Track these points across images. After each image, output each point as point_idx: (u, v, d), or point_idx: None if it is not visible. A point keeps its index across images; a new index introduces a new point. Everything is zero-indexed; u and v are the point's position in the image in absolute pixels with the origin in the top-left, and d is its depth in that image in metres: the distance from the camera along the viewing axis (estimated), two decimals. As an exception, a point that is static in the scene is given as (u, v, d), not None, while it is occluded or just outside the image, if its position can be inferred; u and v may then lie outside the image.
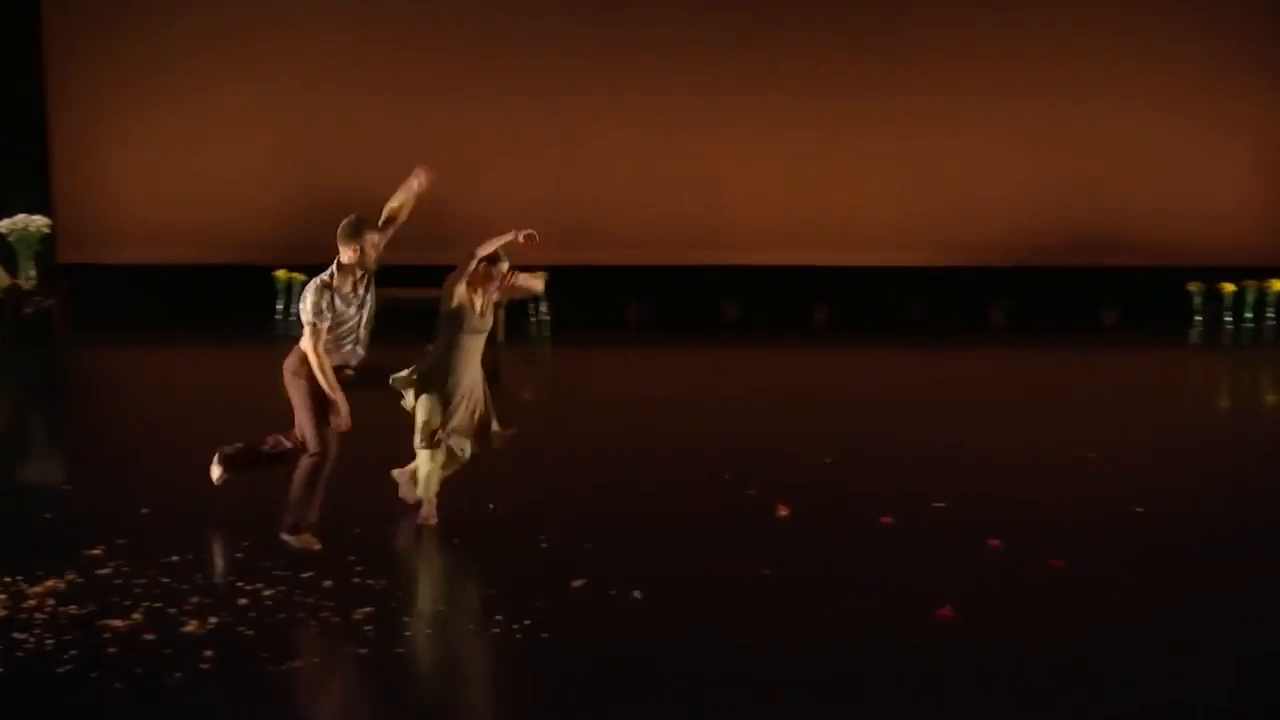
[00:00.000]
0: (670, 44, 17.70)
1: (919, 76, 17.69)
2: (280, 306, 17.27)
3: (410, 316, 15.64)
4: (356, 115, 17.68)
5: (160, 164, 17.79)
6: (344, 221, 9.29)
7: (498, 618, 7.08)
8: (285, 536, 8.48)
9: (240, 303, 17.31)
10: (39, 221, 15.98)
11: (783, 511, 9.08)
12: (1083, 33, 17.64)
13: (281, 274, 17.25)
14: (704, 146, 17.83)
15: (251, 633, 6.92)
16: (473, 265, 9.23)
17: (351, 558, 8.03)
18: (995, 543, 8.40)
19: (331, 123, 17.66)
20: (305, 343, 8.58)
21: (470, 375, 8.98)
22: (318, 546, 8.36)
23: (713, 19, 17.68)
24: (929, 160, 17.77)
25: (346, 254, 9.12)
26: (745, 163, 17.85)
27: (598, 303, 17.65)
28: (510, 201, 17.66)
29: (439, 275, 16.67)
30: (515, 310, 16.65)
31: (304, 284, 16.69)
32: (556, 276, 16.92)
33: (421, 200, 9.97)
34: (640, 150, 17.80)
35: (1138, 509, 9.26)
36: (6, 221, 15.91)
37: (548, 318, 17.21)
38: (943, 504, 9.31)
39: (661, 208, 17.78)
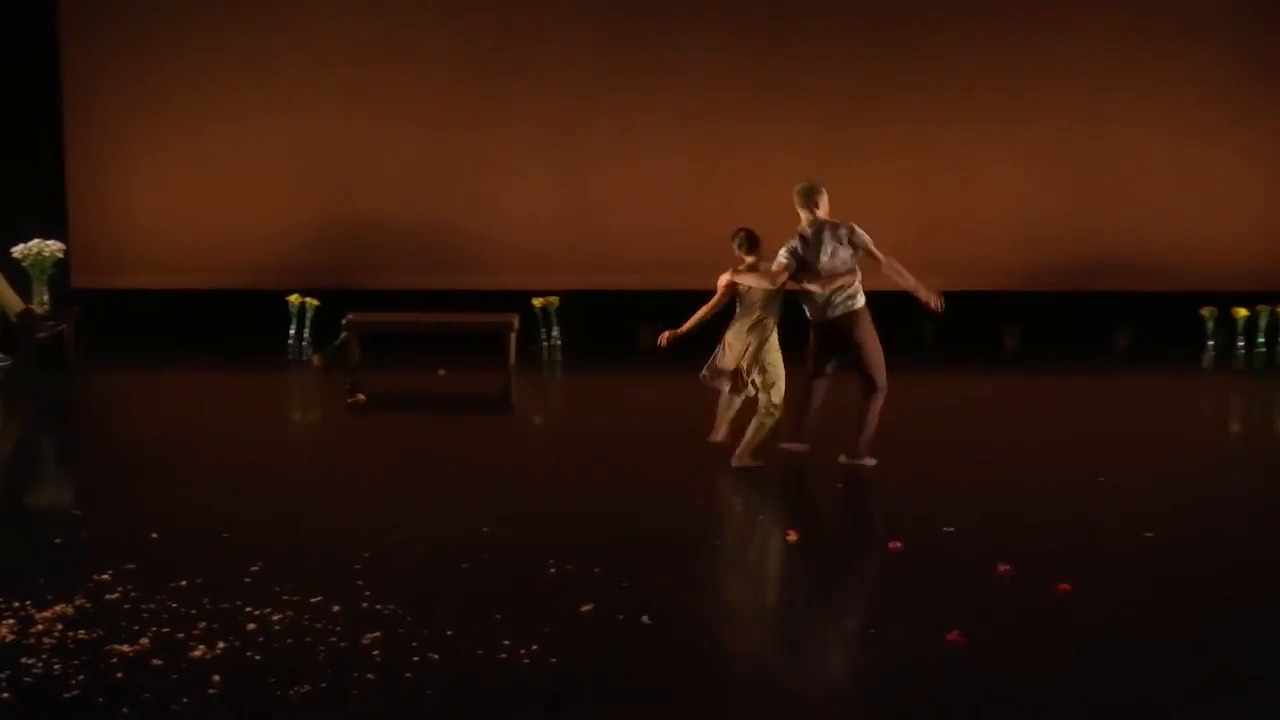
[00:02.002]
0: (687, 69, 17.72)
1: (928, 101, 17.70)
2: (293, 331, 17.27)
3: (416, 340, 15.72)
4: (370, 142, 17.73)
5: (174, 190, 17.81)
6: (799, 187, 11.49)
7: (505, 642, 7.09)
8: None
9: (253, 328, 17.33)
10: (53, 246, 16.05)
11: (792, 536, 9.08)
12: (1097, 57, 17.66)
13: (294, 298, 17.26)
14: (724, 169, 17.82)
15: (259, 658, 6.93)
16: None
17: (360, 582, 8.04)
18: (1004, 567, 8.39)
19: (346, 149, 17.71)
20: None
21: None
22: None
23: (723, 45, 17.71)
24: (942, 184, 17.77)
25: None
26: (763, 188, 17.79)
27: (608, 327, 17.65)
28: (524, 227, 17.73)
29: (450, 300, 16.82)
30: (527, 335, 16.70)
31: (317, 309, 16.89)
32: (568, 301, 17.04)
33: (437, 224, 10.74)
34: (655, 174, 17.81)
35: (1147, 534, 9.26)
36: (21, 246, 15.97)
37: (559, 342, 17.23)
38: (952, 528, 9.31)
39: (675, 231, 17.77)
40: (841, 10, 17.74)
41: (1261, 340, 17.25)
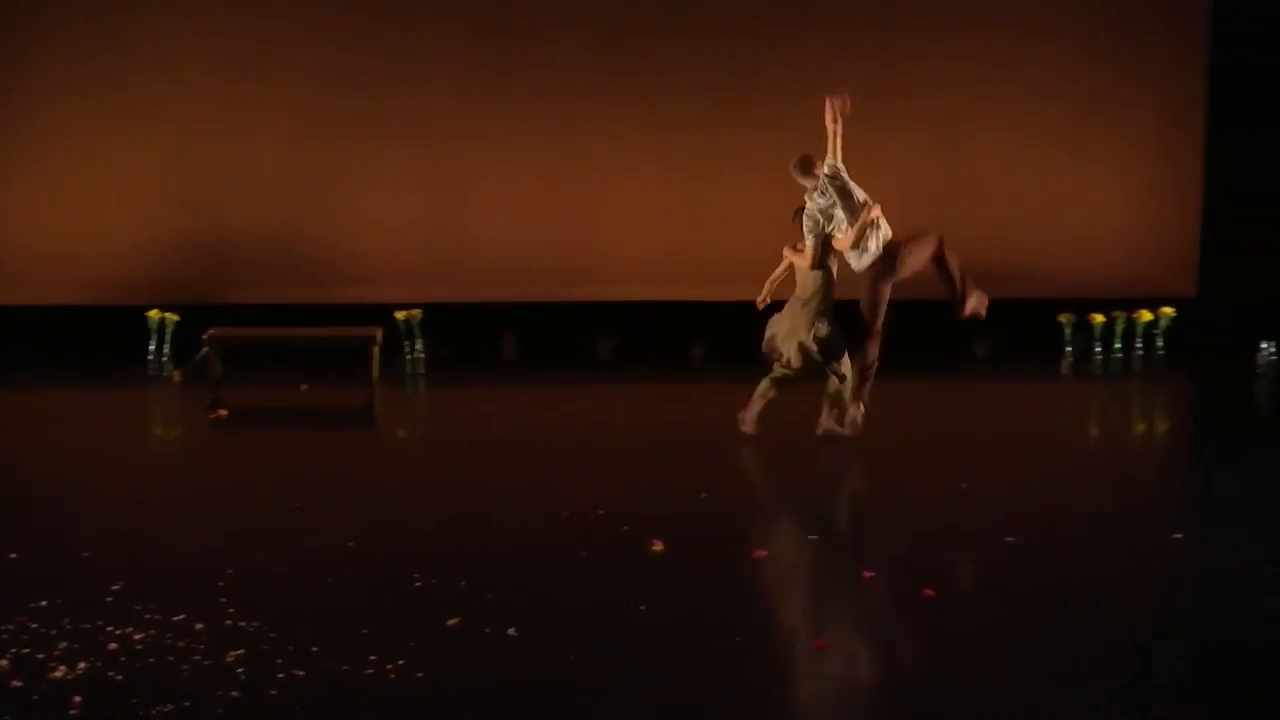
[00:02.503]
0: (551, 81, 17.72)
1: (792, 112, 17.77)
2: (152, 347, 17.06)
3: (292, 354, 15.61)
4: (231, 154, 17.57)
5: (30, 204, 17.55)
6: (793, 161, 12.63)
7: (371, 658, 7.05)
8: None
9: (112, 344, 17.11)
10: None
11: (657, 546, 9.08)
12: (951, 67, 17.85)
13: (154, 314, 17.06)
14: (581, 183, 17.84)
15: (121, 677, 6.84)
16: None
17: (223, 599, 7.96)
18: (869, 573, 8.45)
19: (206, 162, 17.54)
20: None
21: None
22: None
23: (588, 58, 17.73)
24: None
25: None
26: (623, 199, 17.88)
27: (472, 339, 17.61)
28: (387, 241, 17.65)
29: (313, 314, 16.70)
30: (392, 348, 16.61)
31: (177, 324, 16.64)
32: (431, 313, 16.97)
33: (299, 238, 10.57)
34: (516, 186, 17.80)
35: (1009, 539, 9.35)
36: None
37: (422, 355, 17.14)
38: (816, 536, 9.36)
39: (537, 243, 17.78)
40: (702, 20, 17.80)
41: (1118, 346, 17.48)
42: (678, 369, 17.06)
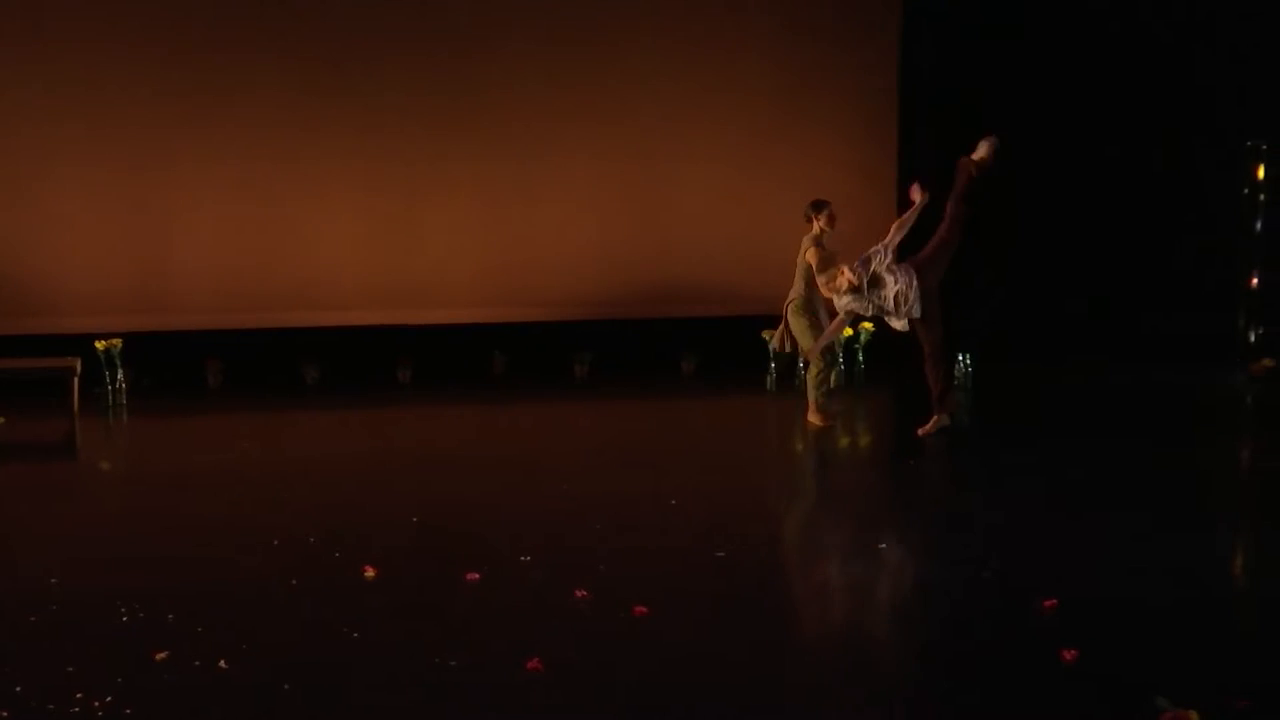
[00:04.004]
0: (253, 106, 17.56)
1: (503, 139, 17.91)
2: None
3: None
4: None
5: None
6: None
7: (78, 695, 6.90)
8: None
9: None
10: None
11: (369, 572, 9.03)
12: (652, 90, 18.10)
13: None
14: (283, 206, 17.70)
15: None
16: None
17: (-80, 641, 7.75)
18: (582, 593, 8.49)
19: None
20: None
21: None
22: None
23: (287, 80, 17.60)
24: (513, 219, 18.00)
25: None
26: (330, 223, 17.78)
27: (175, 368, 17.35)
28: (84, 269, 17.32)
29: (9, 346, 16.26)
30: (92, 379, 16.26)
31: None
32: (131, 343, 16.66)
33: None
34: (216, 210, 17.60)
35: (719, 554, 9.47)
36: None
37: (123, 385, 16.80)
38: (528, 557, 9.38)
39: (240, 268, 17.59)
40: (408, 46, 17.79)
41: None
42: (386, 392, 16.98)
